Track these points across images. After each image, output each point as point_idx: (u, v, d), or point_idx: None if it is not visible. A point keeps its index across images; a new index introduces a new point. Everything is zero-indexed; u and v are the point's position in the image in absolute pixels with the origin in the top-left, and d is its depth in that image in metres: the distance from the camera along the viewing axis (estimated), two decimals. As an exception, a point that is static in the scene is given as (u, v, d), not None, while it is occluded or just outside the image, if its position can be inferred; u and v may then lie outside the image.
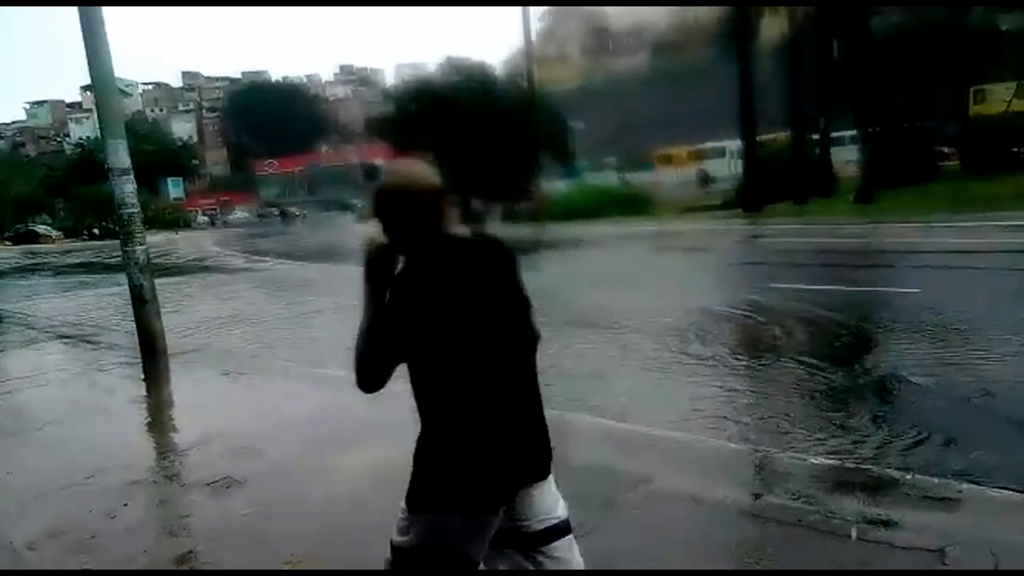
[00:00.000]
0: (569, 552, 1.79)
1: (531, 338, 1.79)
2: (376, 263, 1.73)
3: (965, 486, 3.34)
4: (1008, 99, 25.28)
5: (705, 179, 36.49)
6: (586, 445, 4.06)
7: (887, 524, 2.92)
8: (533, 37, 30.09)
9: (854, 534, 2.84)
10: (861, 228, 15.90)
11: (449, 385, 1.69)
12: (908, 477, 3.39)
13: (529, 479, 1.74)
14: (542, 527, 1.75)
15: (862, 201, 20.83)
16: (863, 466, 3.64)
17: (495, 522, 1.68)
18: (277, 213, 64.08)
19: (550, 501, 1.78)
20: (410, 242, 1.70)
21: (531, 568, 1.74)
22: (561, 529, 1.78)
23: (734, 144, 30.98)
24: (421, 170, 1.75)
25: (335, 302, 11.81)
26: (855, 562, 2.71)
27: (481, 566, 1.71)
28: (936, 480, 3.39)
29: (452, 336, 1.64)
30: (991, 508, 3.10)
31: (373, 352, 1.79)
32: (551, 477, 1.82)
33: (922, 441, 4.08)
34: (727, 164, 34.34)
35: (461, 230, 1.80)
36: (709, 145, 38.45)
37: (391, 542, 1.80)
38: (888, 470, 3.57)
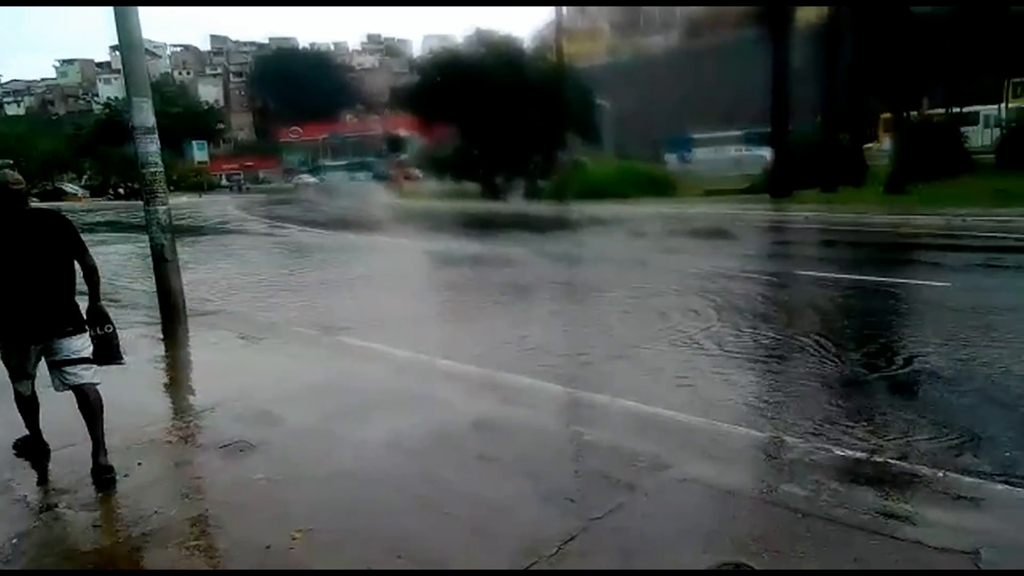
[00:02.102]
0: (82, 375, 3.53)
1: (60, 262, 3.46)
2: None
3: (999, 487, 3.22)
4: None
5: None
6: (610, 427, 3.99)
7: (917, 522, 2.82)
8: (564, 10, 29.60)
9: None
10: (888, 219, 15.56)
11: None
12: (940, 475, 3.26)
13: (49, 335, 3.46)
14: (64, 358, 3.48)
15: (893, 192, 20.38)
16: (892, 461, 3.52)
17: (30, 350, 3.52)
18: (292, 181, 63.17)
19: (75, 346, 3.50)
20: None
21: (60, 380, 3.54)
22: (77, 360, 3.51)
23: (989, 110, 29.17)
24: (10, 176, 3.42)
25: (360, 270, 11.80)
26: (885, 560, 2.60)
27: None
28: (968, 479, 3.27)
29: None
30: (1026, 511, 2.98)
31: None
32: (78, 335, 3.53)
33: (945, 436, 3.95)
34: (980, 133, 30.99)
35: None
36: (966, 110, 34.00)
37: None
38: (918, 466, 3.44)
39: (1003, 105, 25.87)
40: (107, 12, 6.97)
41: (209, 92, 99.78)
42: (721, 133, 37.76)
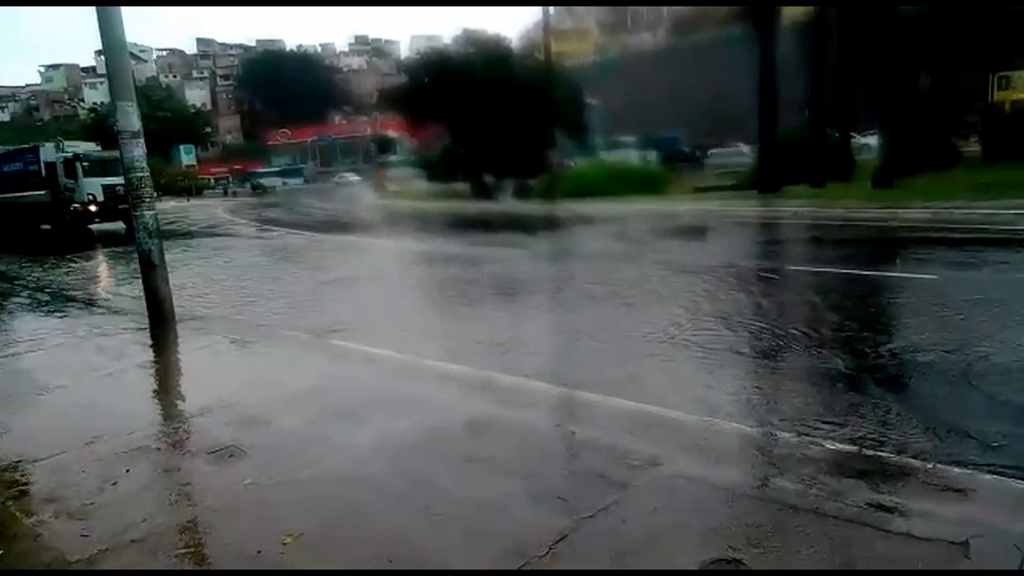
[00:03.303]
0: None
1: None
2: None
3: (987, 477, 3.24)
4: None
5: None
6: (600, 425, 3.99)
7: (907, 514, 2.83)
8: (551, 10, 29.62)
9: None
10: (876, 213, 15.63)
11: None
12: (929, 466, 3.28)
13: None
14: None
15: (880, 186, 20.48)
16: (881, 454, 3.54)
17: None
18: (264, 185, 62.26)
19: None
20: None
21: None
22: None
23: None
24: None
25: (347, 273, 11.77)
26: (875, 552, 2.61)
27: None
28: (956, 470, 3.29)
29: None
30: (1016, 501, 2.99)
31: None
32: None
33: (934, 427, 3.97)
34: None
35: None
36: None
37: None
38: (907, 458, 3.46)
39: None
40: (92, 16, 6.94)
41: (196, 96, 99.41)
42: (627, 137, 37.62)
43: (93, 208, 22.52)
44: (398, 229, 20.14)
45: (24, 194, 24.37)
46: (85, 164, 22.73)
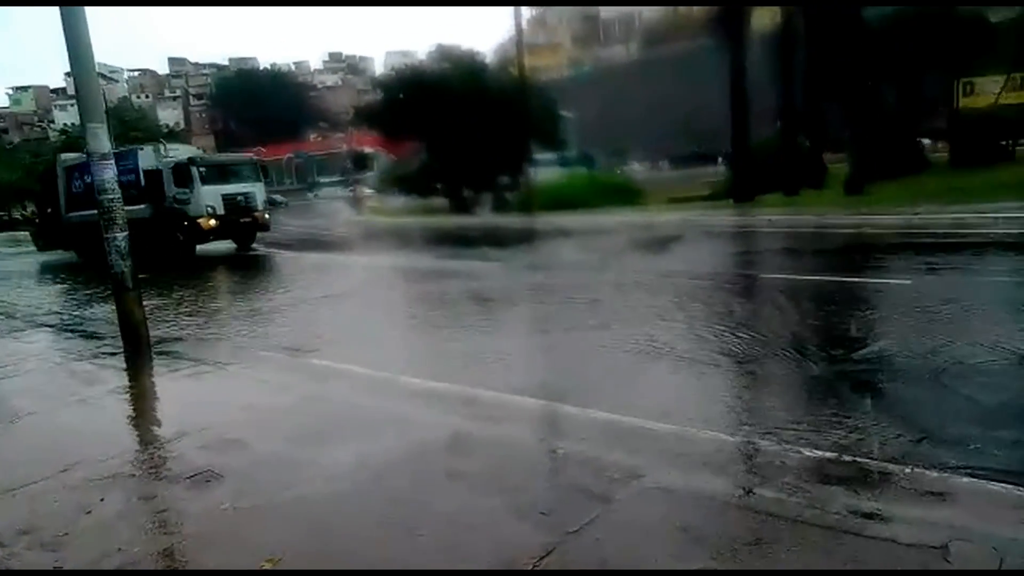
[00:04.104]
0: None
1: None
2: None
3: (965, 480, 3.28)
4: (997, 92, 25.28)
5: None
6: (581, 439, 3.98)
7: (887, 519, 2.85)
8: (524, 25, 29.86)
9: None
10: (849, 220, 15.86)
11: None
12: (907, 471, 3.31)
13: None
14: None
15: (852, 193, 20.83)
16: (860, 459, 3.56)
17: None
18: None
19: None
20: None
21: None
22: None
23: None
24: None
25: (325, 292, 11.68)
26: (857, 558, 2.62)
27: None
28: (935, 474, 3.33)
29: None
30: (992, 503, 3.03)
31: None
32: None
33: (911, 432, 4.01)
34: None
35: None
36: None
37: None
38: (886, 463, 3.49)
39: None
40: (61, 38, 6.85)
41: (169, 115, 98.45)
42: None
43: (212, 223, 18.52)
44: (376, 246, 20.05)
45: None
46: (202, 170, 18.79)
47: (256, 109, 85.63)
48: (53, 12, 6.98)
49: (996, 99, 25.15)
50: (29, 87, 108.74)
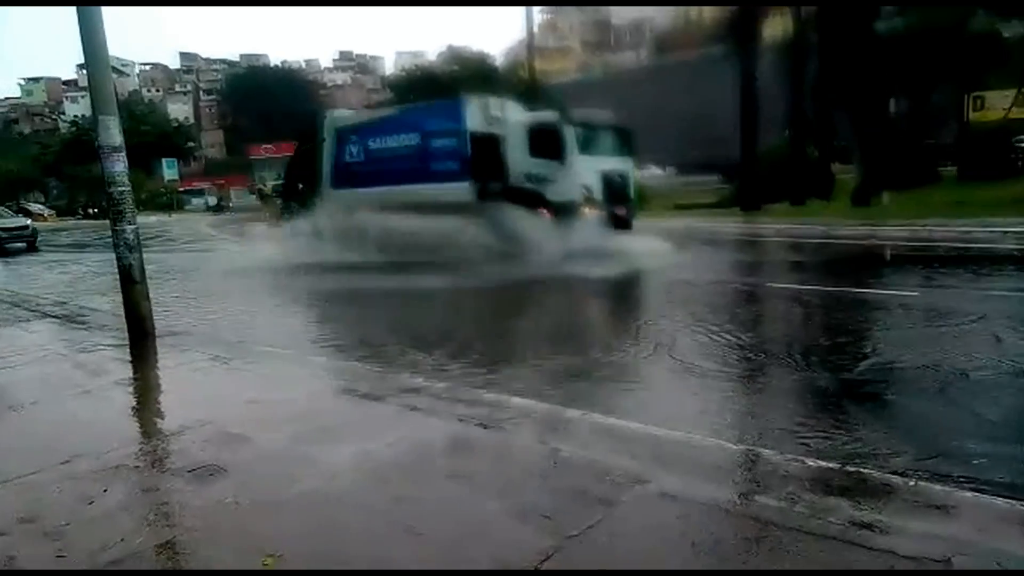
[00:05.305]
0: None
1: None
2: None
3: (969, 494, 3.26)
4: (1007, 106, 25.26)
5: None
6: (583, 442, 3.97)
7: (889, 532, 2.84)
8: (535, 28, 29.89)
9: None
10: (857, 231, 15.84)
11: None
12: (911, 483, 3.30)
13: None
14: None
15: (860, 204, 20.82)
16: (864, 470, 3.55)
17: None
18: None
19: None
20: None
21: None
22: None
23: None
24: None
25: (331, 289, 11.70)
26: (860, 570, 2.61)
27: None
28: (938, 487, 3.31)
29: None
30: (995, 518, 3.01)
31: None
32: None
33: (915, 444, 4.00)
34: None
35: None
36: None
37: None
38: (889, 475, 3.48)
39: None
40: (74, 29, 6.90)
41: (179, 110, 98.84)
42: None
43: (587, 211, 12.83)
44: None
45: (432, 190, 13.81)
46: (579, 133, 13.16)
47: (265, 105, 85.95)
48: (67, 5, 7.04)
49: (1006, 114, 25.13)
50: (40, 78, 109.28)
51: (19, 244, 24.76)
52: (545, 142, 13.01)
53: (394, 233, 13.66)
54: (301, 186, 18.80)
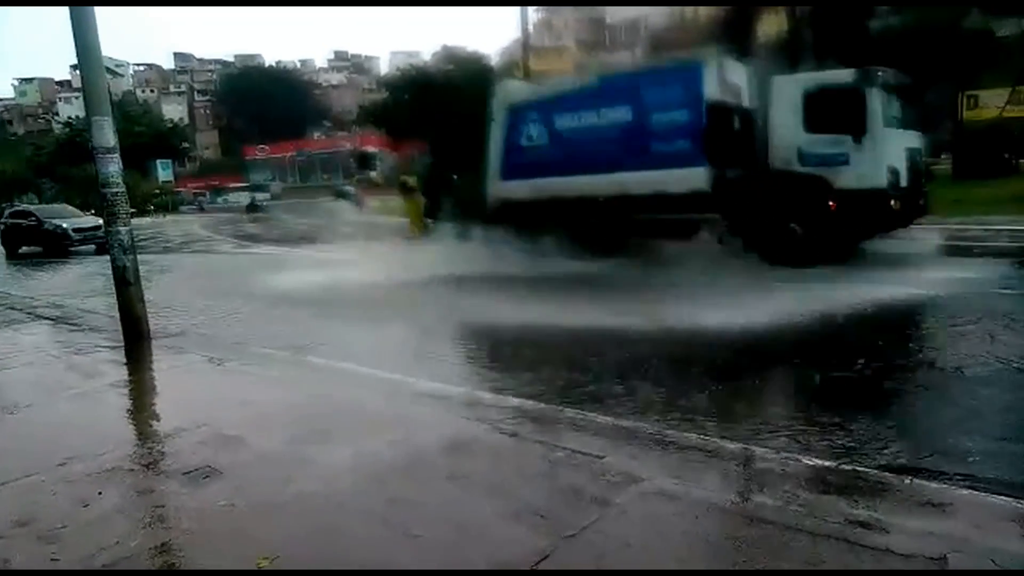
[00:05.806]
0: None
1: None
2: None
3: (964, 492, 3.27)
4: (1001, 105, 25.34)
5: None
6: (579, 441, 3.98)
7: (885, 530, 2.84)
8: (530, 27, 29.91)
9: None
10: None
11: None
12: (907, 481, 3.31)
13: None
14: None
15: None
16: (860, 469, 3.56)
17: None
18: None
19: None
20: None
21: None
22: None
23: None
24: None
25: (323, 288, 11.67)
26: (856, 568, 2.62)
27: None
28: (934, 485, 3.32)
29: None
30: (991, 515, 3.02)
31: None
32: None
33: (911, 442, 4.01)
34: None
35: None
36: None
37: None
38: (885, 474, 3.48)
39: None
40: (67, 30, 6.87)
41: (173, 111, 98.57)
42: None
43: (893, 203, 10.15)
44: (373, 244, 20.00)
45: (649, 178, 10.97)
46: (889, 99, 10.51)
47: (260, 106, 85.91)
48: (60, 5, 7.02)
49: (1000, 112, 25.22)
50: (34, 79, 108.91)
51: (89, 246, 21.28)
52: (834, 111, 10.10)
53: (590, 237, 11.44)
54: (456, 176, 16.35)
